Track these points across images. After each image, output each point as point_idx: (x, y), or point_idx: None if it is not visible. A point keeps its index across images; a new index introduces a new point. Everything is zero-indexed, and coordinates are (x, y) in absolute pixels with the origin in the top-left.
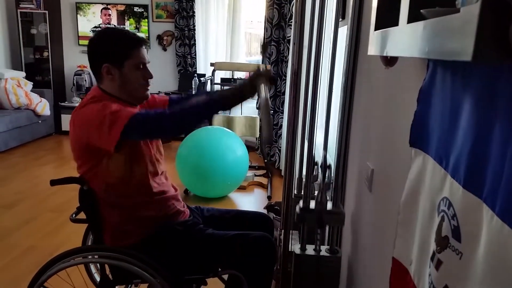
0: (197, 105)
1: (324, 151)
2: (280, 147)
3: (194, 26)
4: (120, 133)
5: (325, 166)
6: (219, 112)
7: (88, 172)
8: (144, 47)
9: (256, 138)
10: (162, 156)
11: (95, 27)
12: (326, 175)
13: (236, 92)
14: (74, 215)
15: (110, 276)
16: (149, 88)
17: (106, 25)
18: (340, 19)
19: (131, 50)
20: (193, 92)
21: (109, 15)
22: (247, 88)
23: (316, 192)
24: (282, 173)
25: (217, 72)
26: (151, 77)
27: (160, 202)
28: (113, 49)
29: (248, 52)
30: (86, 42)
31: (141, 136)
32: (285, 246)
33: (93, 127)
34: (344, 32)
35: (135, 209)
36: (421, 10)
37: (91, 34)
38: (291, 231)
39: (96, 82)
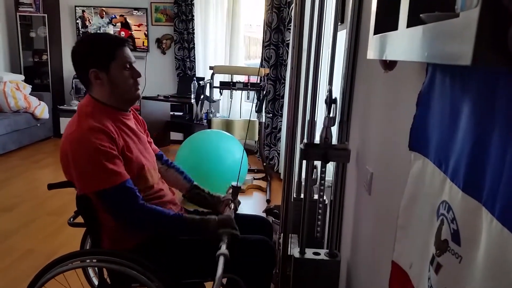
0: (180, 227)
1: (329, 85)
2: (279, 151)
3: (193, 29)
4: (96, 192)
5: (330, 101)
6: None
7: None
8: (127, 46)
9: (255, 142)
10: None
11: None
12: (331, 109)
13: (201, 231)
14: (72, 219)
15: (108, 280)
16: (139, 87)
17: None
18: (339, 23)
19: (114, 51)
20: (192, 96)
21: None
22: (212, 236)
23: (314, 195)
24: (281, 177)
25: (216, 75)
26: (139, 75)
27: (157, 206)
28: (97, 53)
29: (247, 55)
30: None
31: (110, 209)
32: (284, 250)
33: (77, 170)
34: (343, 36)
35: None
36: (421, 15)
37: None
38: (290, 235)
39: (86, 90)
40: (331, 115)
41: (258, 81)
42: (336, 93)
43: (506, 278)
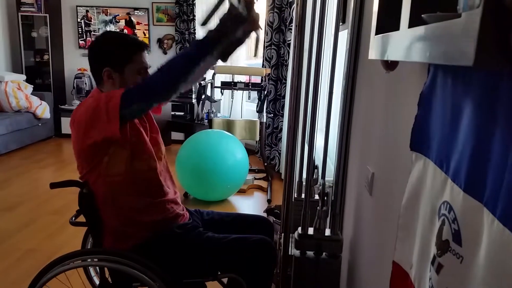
0: (185, 51)
1: (323, 179)
2: (280, 151)
3: (195, 29)
4: (119, 110)
5: (323, 193)
6: (214, 53)
7: (90, 172)
8: (145, 51)
9: (256, 142)
10: (163, 156)
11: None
12: (325, 201)
13: (222, 24)
14: (73, 218)
15: (109, 279)
16: None
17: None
18: (341, 23)
19: (132, 54)
20: (193, 95)
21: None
22: (229, 15)
23: (315, 195)
24: (282, 177)
25: (217, 75)
26: None
27: (159, 205)
28: (115, 53)
29: (248, 55)
30: None
31: (140, 105)
32: (285, 250)
33: (93, 117)
34: (344, 36)
35: (134, 212)
36: (422, 15)
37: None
38: (291, 235)
39: (96, 85)
40: (324, 208)
41: (260, 81)
42: (337, 94)
43: (508, 278)
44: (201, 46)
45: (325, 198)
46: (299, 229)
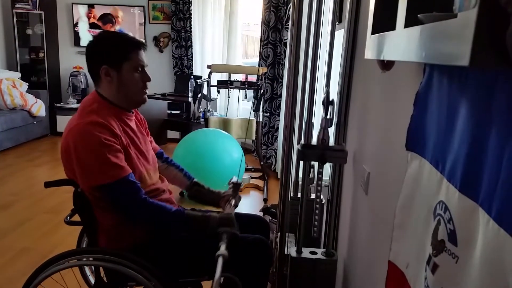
0: (184, 220)
1: (327, 87)
2: (277, 150)
3: (191, 28)
4: (99, 186)
5: (327, 103)
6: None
7: (74, 176)
8: (142, 50)
9: (252, 141)
10: (155, 165)
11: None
12: (329, 111)
13: (201, 228)
14: (68, 217)
15: (104, 278)
16: (147, 92)
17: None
18: (337, 23)
19: (130, 52)
20: (190, 94)
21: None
22: (212, 233)
23: (312, 195)
24: (278, 176)
25: (213, 74)
26: (149, 80)
27: None
28: (112, 51)
29: (245, 54)
30: None
31: (112, 203)
32: (281, 249)
33: (80, 164)
34: (340, 35)
35: None
36: (419, 15)
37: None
38: (287, 234)
39: (94, 85)
40: (328, 116)
41: (256, 80)
42: (334, 93)
43: (502, 278)
44: (199, 230)
45: (329, 107)
46: (302, 139)
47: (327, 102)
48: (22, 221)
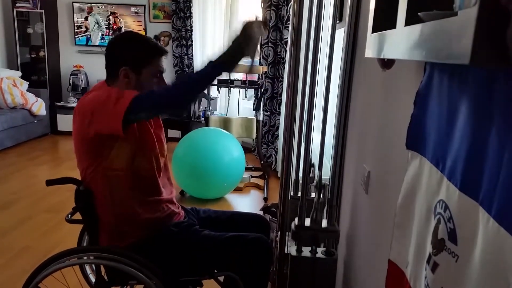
0: (200, 70)
1: (319, 171)
2: (277, 149)
3: (191, 26)
4: (123, 112)
5: (320, 185)
6: (226, 70)
7: (90, 166)
8: (164, 57)
9: (253, 140)
10: (165, 153)
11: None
12: (321, 193)
13: (234, 49)
14: (69, 215)
15: (105, 277)
16: None
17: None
18: (337, 21)
19: (152, 58)
20: None
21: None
22: (242, 40)
23: (312, 193)
24: (279, 175)
25: None
26: (165, 85)
27: (153, 203)
28: (136, 55)
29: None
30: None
31: (149, 113)
32: (281, 248)
33: (100, 109)
34: (341, 34)
35: (129, 209)
36: (419, 13)
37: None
38: (287, 233)
39: (107, 81)
40: (320, 199)
41: (256, 79)
42: (334, 92)
43: (503, 277)
44: (218, 67)
45: (322, 190)
46: (296, 219)
47: (319, 186)
48: (23, 220)
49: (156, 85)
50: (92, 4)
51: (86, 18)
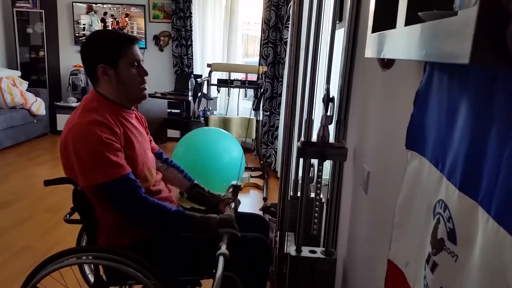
0: (189, 221)
1: (327, 84)
2: (276, 149)
3: (191, 26)
4: (99, 184)
5: (327, 100)
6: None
7: (74, 174)
8: (136, 44)
9: (252, 140)
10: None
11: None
12: (329, 108)
13: (201, 228)
14: (68, 215)
15: (104, 277)
16: (146, 87)
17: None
18: (337, 21)
19: (124, 48)
20: (190, 93)
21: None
22: (212, 234)
23: (312, 193)
24: (278, 175)
25: (213, 73)
26: (146, 74)
27: None
28: (107, 49)
29: (245, 53)
30: None
31: (112, 202)
32: (280, 248)
33: (79, 162)
34: (341, 34)
35: None
36: (419, 13)
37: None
38: (286, 233)
39: (92, 85)
40: (328, 113)
41: (256, 79)
42: (334, 92)
43: (502, 277)
44: (199, 231)
45: (329, 104)
46: (302, 137)
47: (327, 99)
48: (22, 220)
49: (138, 77)
50: (92, 4)
51: (87, 13)
